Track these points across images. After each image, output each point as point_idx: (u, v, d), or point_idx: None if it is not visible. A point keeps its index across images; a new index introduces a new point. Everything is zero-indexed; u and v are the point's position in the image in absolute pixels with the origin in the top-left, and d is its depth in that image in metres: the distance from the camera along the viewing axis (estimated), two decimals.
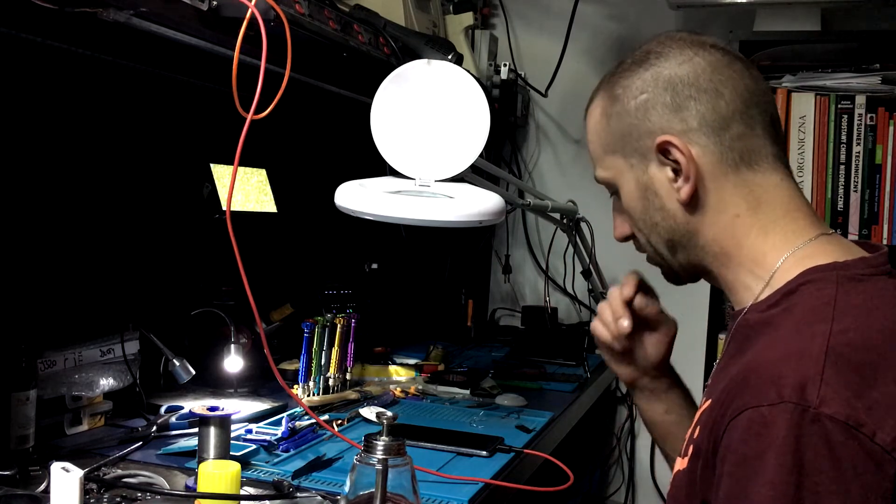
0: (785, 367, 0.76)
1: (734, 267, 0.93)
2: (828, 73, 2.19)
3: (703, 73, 0.91)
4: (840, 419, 0.72)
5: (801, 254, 0.89)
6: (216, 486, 1.06)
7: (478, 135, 1.43)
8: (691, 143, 0.91)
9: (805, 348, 0.77)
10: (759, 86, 0.93)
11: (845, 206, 2.17)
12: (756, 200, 0.91)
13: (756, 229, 0.91)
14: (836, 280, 0.84)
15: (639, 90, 0.94)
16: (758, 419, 0.75)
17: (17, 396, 1.27)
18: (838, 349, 0.76)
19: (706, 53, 0.93)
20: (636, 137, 0.95)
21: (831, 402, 0.73)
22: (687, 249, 0.96)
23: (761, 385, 0.77)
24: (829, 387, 0.74)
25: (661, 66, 0.93)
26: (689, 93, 0.91)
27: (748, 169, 0.91)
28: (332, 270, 2.23)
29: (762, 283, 0.90)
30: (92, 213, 1.57)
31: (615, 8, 2.71)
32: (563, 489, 1.37)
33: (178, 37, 1.32)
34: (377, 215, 1.36)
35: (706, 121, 0.91)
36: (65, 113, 1.50)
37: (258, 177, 1.93)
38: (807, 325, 0.80)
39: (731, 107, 0.91)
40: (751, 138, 0.91)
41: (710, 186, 0.92)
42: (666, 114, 0.92)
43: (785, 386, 0.75)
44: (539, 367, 2.19)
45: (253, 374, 1.77)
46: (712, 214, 0.93)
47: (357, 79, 1.77)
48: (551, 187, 2.75)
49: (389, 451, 0.96)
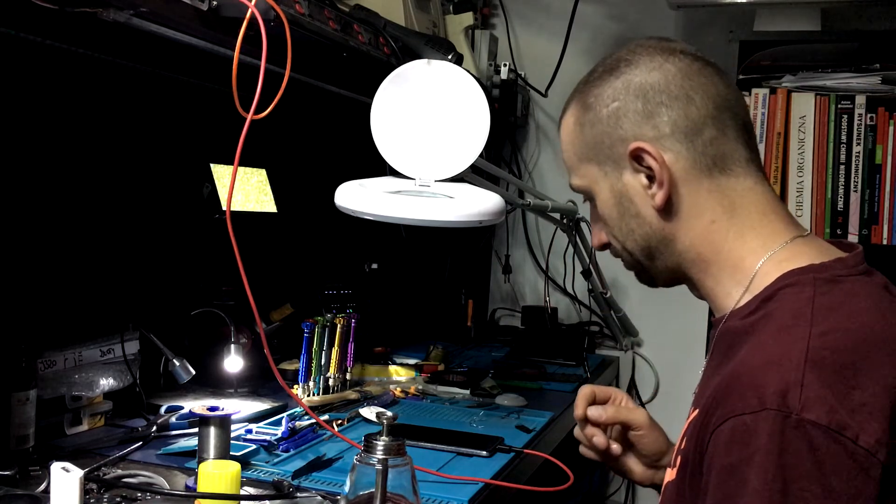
0: (766, 374, 0.76)
1: (714, 273, 0.93)
2: (828, 73, 2.19)
3: (673, 80, 0.92)
4: (822, 424, 0.72)
5: (778, 257, 0.89)
6: (216, 486, 1.06)
7: (478, 135, 1.43)
8: (664, 150, 0.91)
9: (785, 354, 0.77)
10: (730, 91, 0.93)
11: (845, 206, 2.17)
12: (731, 205, 0.92)
13: (732, 234, 0.92)
14: (813, 283, 0.84)
15: (610, 98, 0.95)
16: (741, 427, 0.75)
17: (17, 396, 1.27)
18: (818, 353, 0.76)
19: (676, 60, 0.93)
20: (609, 145, 0.95)
21: (813, 407, 0.73)
22: (664, 255, 0.96)
23: (743, 393, 0.77)
24: (810, 391, 0.74)
25: (631, 73, 0.94)
26: (660, 99, 0.92)
27: (722, 174, 0.91)
28: (332, 270, 2.23)
29: (742, 289, 0.90)
30: (92, 213, 1.57)
31: (615, 8, 2.71)
32: (563, 489, 1.37)
33: (178, 37, 1.33)
34: (377, 215, 1.36)
35: (678, 127, 0.91)
36: (65, 113, 1.50)
37: (258, 177, 1.93)
38: (786, 330, 0.80)
39: (702, 112, 0.91)
40: (723, 143, 0.91)
41: (685, 192, 0.92)
42: (638, 121, 0.93)
43: (766, 393, 0.75)
44: (539, 367, 2.19)
45: (253, 374, 1.77)
46: (688, 220, 0.93)
47: (357, 79, 1.77)
48: (551, 187, 2.75)
49: (389, 451, 0.96)
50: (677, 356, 2.63)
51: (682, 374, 2.61)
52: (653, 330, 2.67)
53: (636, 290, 2.67)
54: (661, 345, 2.68)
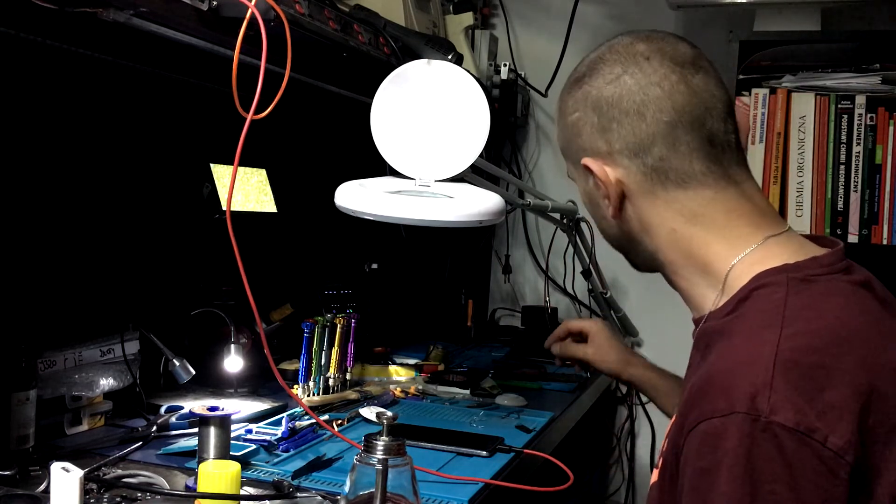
0: (736, 377, 0.77)
1: (685, 275, 0.95)
2: (828, 73, 2.19)
3: (626, 94, 0.92)
4: (790, 426, 0.73)
5: (749, 259, 0.89)
6: (216, 486, 1.06)
7: (478, 135, 1.43)
8: (616, 165, 0.94)
9: (755, 356, 0.77)
10: (695, 99, 0.91)
11: (845, 206, 2.17)
12: (692, 214, 0.92)
13: (696, 240, 0.92)
14: (787, 283, 0.84)
15: (573, 108, 0.97)
16: (711, 431, 0.76)
17: (17, 396, 1.27)
18: (787, 355, 0.76)
19: (636, 70, 0.92)
20: (574, 152, 0.99)
21: (781, 409, 0.73)
22: (637, 253, 1.00)
23: (714, 396, 0.77)
24: (778, 394, 0.74)
25: (590, 85, 0.95)
26: (613, 114, 0.93)
27: (677, 187, 0.92)
28: (332, 270, 2.23)
29: (715, 291, 0.91)
30: (92, 213, 1.57)
31: (615, 8, 2.71)
32: (563, 489, 1.37)
33: (178, 37, 1.33)
34: (377, 215, 1.36)
35: (627, 144, 0.92)
36: (65, 113, 1.50)
37: (258, 177, 1.93)
38: (757, 332, 0.80)
39: (651, 129, 0.91)
40: (674, 158, 0.91)
41: (641, 204, 0.94)
42: (594, 134, 0.95)
43: (736, 396, 0.75)
44: (539, 367, 2.19)
45: (253, 374, 1.77)
46: (650, 228, 0.95)
47: (357, 79, 1.77)
48: (551, 187, 2.75)
49: (389, 451, 0.96)
50: (677, 356, 2.60)
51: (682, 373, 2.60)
52: (653, 330, 2.67)
53: (636, 290, 2.68)
54: (661, 345, 2.68)
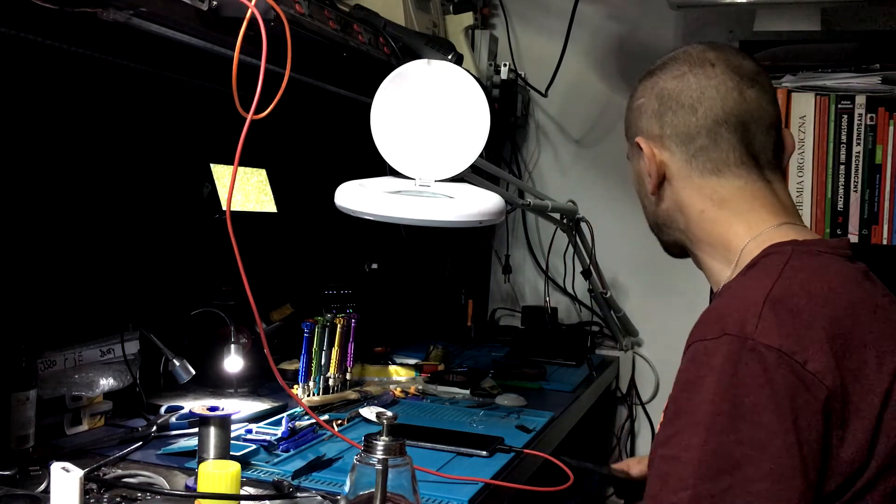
0: (730, 309, 0.90)
1: (707, 251, 1.08)
2: (828, 73, 2.19)
3: (686, 90, 1.06)
4: (774, 346, 0.84)
5: (761, 238, 1.01)
6: (216, 486, 1.06)
7: (478, 135, 1.43)
8: (663, 148, 1.08)
9: (749, 294, 0.90)
10: (744, 107, 1.04)
11: (845, 206, 2.17)
12: (720, 199, 1.05)
13: (721, 221, 1.05)
14: (791, 251, 0.96)
15: (640, 94, 1.12)
16: (701, 349, 0.88)
17: (17, 396, 1.27)
18: (778, 296, 0.88)
19: (700, 72, 1.06)
20: (633, 133, 1.13)
21: (767, 334, 0.85)
22: (668, 231, 1.13)
23: (708, 324, 0.90)
24: (766, 322, 0.86)
25: (659, 77, 1.09)
26: (671, 105, 1.07)
27: (712, 175, 1.05)
28: (332, 270, 2.23)
29: (731, 265, 1.04)
30: (92, 213, 1.57)
31: (615, 8, 2.70)
32: (563, 489, 1.37)
33: (178, 37, 1.32)
34: (377, 215, 1.36)
35: (676, 132, 1.06)
36: (65, 113, 1.50)
37: (258, 177, 1.93)
38: (754, 281, 0.94)
39: (699, 123, 1.05)
40: (713, 151, 1.04)
41: (678, 185, 1.08)
42: (651, 119, 1.09)
43: (727, 323, 0.87)
44: (539, 367, 2.19)
45: (253, 374, 1.77)
46: (682, 207, 1.09)
47: (357, 79, 1.76)
48: (551, 187, 2.75)
49: (389, 451, 0.96)
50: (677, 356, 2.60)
51: None
52: (653, 330, 2.67)
53: (636, 290, 2.68)
54: (661, 345, 2.68)
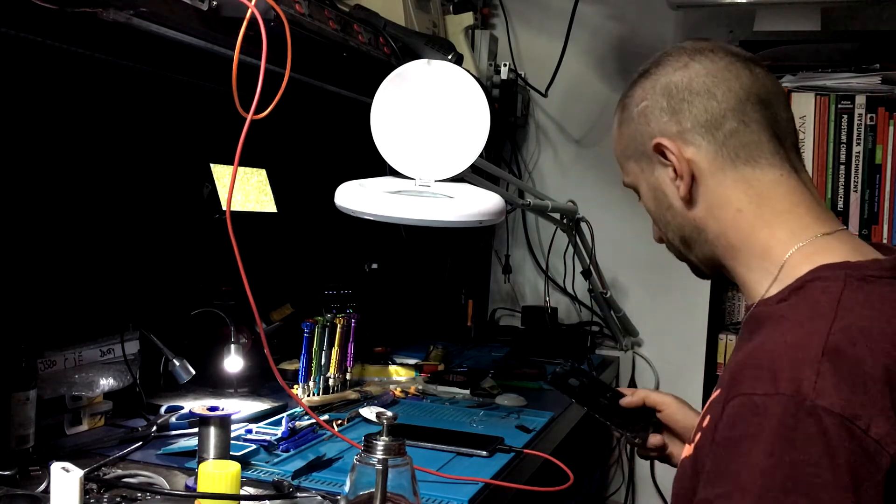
0: (782, 359, 0.78)
1: (743, 260, 0.96)
2: (828, 73, 2.19)
3: (695, 77, 0.96)
4: (836, 411, 0.74)
5: (808, 249, 0.91)
6: (216, 486, 1.06)
7: (478, 135, 1.43)
8: (686, 144, 0.96)
9: (804, 342, 0.79)
10: (759, 84, 0.96)
11: (845, 206, 2.17)
12: (757, 195, 0.94)
13: (760, 223, 0.94)
14: (844, 279, 0.85)
15: (640, 98, 1.01)
16: (749, 405, 0.78)
17: (17, 396, 1.27)
18: (836, 344, 0.78)
19: (702, 58, 0.97)
20: (641, 142, 1.01)
21: (827, 395, 0.75)
22: (700, 244, 1.00)
23: (758, 374, 0.79)
24: (825, 381, 0.75)
25: (658, 74, 1.00)
26: (683, 96, 0.96)
27: (746, 165, 0.95)
28: (332, 270, 2.23)
29: (770, 277, 0.92)
30: (92, 214, 1.57)
31: (615, 8, 2.71)
32: (563, 489, 1.37)
33: (178, 37, 1.32)
34: (377, 215, 1.36)
35: (699, 121, 0.95)
36: (65, 113, 1.50)
37: (258, 177, 1.93)
38: (808, 320, 0.82)
39: (722, 105, 0.95)
40: (745, 134, 0.94)
41: (710, 183, 0.96)
42: (663, 118, 0.98)
43: (781, 378, 0.77)
44: (539, 367, 2.19)
45: (253, 374, 1.77)
46: (715, 210, 0.97)
47: (357, 79, 1.76)
48: (551, 187, 2.75)
49: (389, 451, 0.96)
50: (677, 356, 2.63)
51: (682, 373, 2.61)
52: (653, 330, 2.67)
53: (636, 290, 2.68)
54: (661, 345, 2.68)
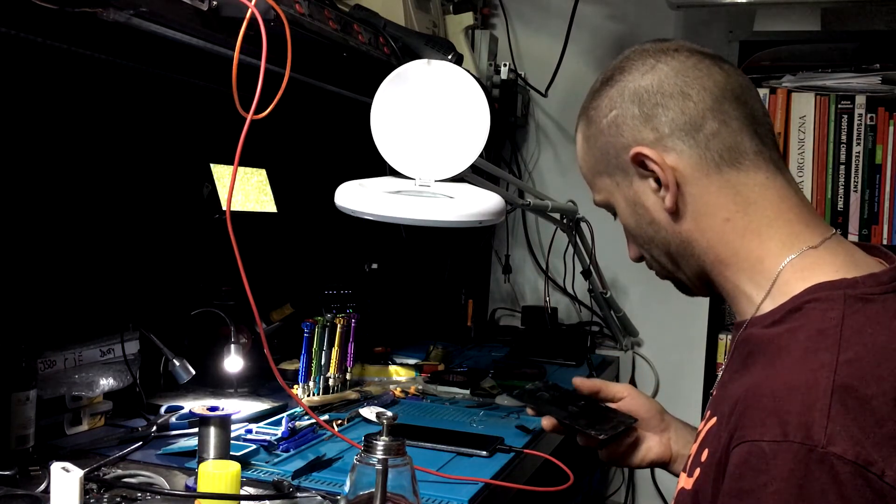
0: (790, 402, 0.74)
1: (732, 274, 0.91)
2: (828, 73, 2.19)
3: (666, 79, 0.91)
4: (849, 458, 0.70)
5: (802, 263, 0.86)
6: (216, 486, 1.06)
7: (478, 135, 1.43)
8: (666, 150, 0.90)
9: (810, 381, 0.75)
10: (732, 80, 0.91)
11: (845, 206, 2.17)
12: (745, 201, 0.89)
13: (749, 232, 0.89)
14: (843, 300, 0.80)
15: (608, 108, 0.95)
16: (757, 453, 0.74)
17: (17, 396, 1.27)
18: (845, 382, 0.74)
19: (668, 59, 0.92)
20: (614, 155, 0.95)
21: (839, 440, 0.71)
22: (687, 259, 0.95)
23: (764, 418, 0.75)
24: (835, 424, 0.71)
25: (625, 80, 0.94)
26: (656, 100, 0.91)
27: (731, 168, 0.89)
28: (332, 270, 2.23)
29: (762, 292, 0.87)
30: (92, 213, 1.57)
31: (615, 8, 2.71)
32: (563, 489, 1.37)
33: (178, 37, 1.32)
34: (377, 215, 1.36)
35: (677, 125, 0.90)
36: (65, 113, 1.50)
37: (258, 177, 1.93)
38: (812, 354, 0.77)
39: (699, 105, 0.89)
40: (727, 134, 0.89)
41: (695, 191, 0.90)
42: (636, 126, 0.92)
43: (790, 423, 0.73)
44: (539, 367, 2.19)
45: (253, 374, 1.77)
46: (702, 220, 0.91)
47: (357, 79, 1.76)
48: (551, 187, 2.75)
49: (389, 451, 0.96)
50: (677, 356, 2.64)
51: (682, 374, 2.61)
52: (653, 330, 2.68)
53: (636, 290, 2.68)
54: (661, 345, 2.68)
